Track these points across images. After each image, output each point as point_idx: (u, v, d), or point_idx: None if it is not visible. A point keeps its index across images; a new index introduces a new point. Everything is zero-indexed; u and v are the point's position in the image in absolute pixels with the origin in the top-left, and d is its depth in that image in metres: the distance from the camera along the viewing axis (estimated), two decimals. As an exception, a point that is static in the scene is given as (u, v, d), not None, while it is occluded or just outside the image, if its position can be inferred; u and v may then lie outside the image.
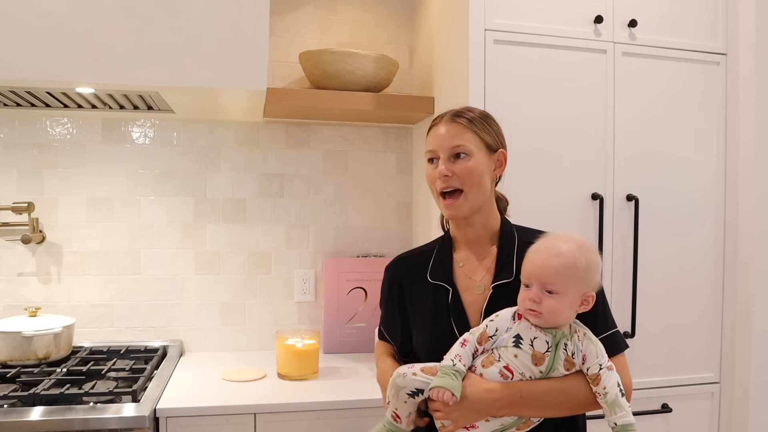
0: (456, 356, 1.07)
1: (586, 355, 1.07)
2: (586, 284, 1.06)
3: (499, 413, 1.06)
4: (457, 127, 1.18)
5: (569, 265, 1.04)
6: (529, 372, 1.06)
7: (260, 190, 2.17)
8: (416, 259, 1.30)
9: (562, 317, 1.06)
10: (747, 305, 1.80)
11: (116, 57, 1.55)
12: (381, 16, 2.26)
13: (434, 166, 1.20)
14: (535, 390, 1.06)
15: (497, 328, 1.08)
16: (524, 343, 1.05)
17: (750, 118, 1.80)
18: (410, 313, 1.26)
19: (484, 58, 1.65)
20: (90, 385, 1.63)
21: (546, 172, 1.71)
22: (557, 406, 1.08)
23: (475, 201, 1.18)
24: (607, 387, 1.05)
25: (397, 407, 1.11)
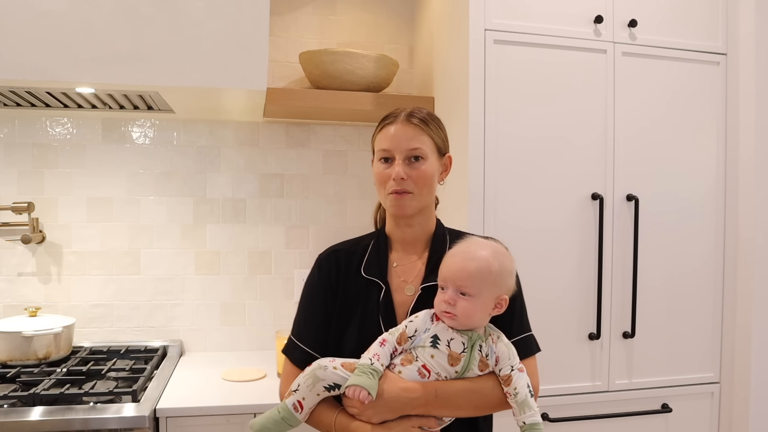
0: (375, 355, 1.09)
1: (499, 356, 1.10)
2: (499, 288, 1.09)
3: (414, 412, 1.08)
4: (414, 129, 1.17)
5: (483, 269, 1.07)
6: (445, 372, 1.09)
7: (260, 190, 2.17)
8: (350, 252, 1.26)
9: (475, 319, 1.09)
10: (747, 305, 1.80)
11: (116, 57, 1.55)
12: (381, 16, 2.26)
13: (387, 166, 1.18)
14: (450, 390, 1.09)
15: (416, 328, 1.11)
16: (441, 344, 1.08)
17: (750, 118, 1.80)
18: (339, 308, 1.22)
19: (484, 58, 1.65)
20: (90, 385, 1.63)
21: (546, 172, 1.71)
22: (470, 406, 1.10)
23: (422, 202, 1.19)
24: (518, 387, 1.08)
25: (305, 397, 1.10)
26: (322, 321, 1.22)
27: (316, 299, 1.24)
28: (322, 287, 1.24)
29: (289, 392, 1.13)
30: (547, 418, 1.69)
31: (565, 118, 1.72)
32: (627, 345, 1.78)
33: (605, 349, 1.76)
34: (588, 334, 1.74)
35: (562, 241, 1.72)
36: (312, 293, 1.25)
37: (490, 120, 1.65)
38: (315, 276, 1.26)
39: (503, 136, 1.67)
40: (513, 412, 1.10)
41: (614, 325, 1.76)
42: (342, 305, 1.22)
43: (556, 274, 1.71)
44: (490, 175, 1.65)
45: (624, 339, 1.77)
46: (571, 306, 1.73)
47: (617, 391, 1.76)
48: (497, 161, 1.66)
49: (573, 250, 1.73)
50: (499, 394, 1.10)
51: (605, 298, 1.75)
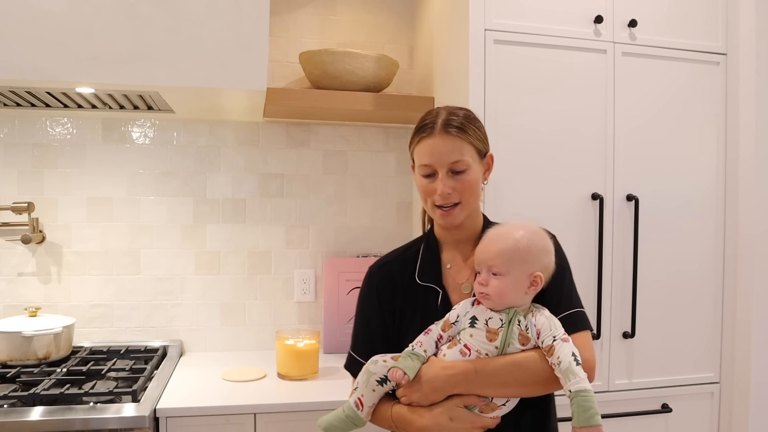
0: (417, 342, 1.12)
1: (540, 329, 1.09)
2: (530, 265, 1.10)
3: (455, 390, 1.08)
4: (454, 140, 1.14)
5: (510, 247, 1.09)
6: (485, 349, 1.09)
7: (260, 190, 2.17)
8: (402, 261, 1.26)
9: (509, 297, 1.09)
10: (747, 305, 1.80)
11: (116, 57, 1.55)
12: (381, 16, 2.26)
13: (430, 180, 1.17)
14: (491, 365, 1.08)
15: (458, 314, 1.13)
16: (479, 323, 1.10)
17: (750, 118, 1.80)
18: (397, 319, 1.22)
19: (484, 58, 1.65)
20: (90, 385, 1.63)
21: (546, 172, 1.71)
22: (516, 382, 1.08)
23: (469, 209, 1.19)
24: (561, 356, 1.05)
25: (363, 394, 1.14)
26: (380, 334, 1.22)
27: (372, 313, 1.24)
28: (377, 300, 1.24)
29: (351, 391, 1.17)
30: (547, 418, 1.69)
31: (565, 118, 1.72)
32: (627, 345, 1.78)
33: (605, 349, 1.76)
34: (588, 334, 1.74)
35: (563, 241, 1.71)
36: (368, 307, 1.26)
37: (489, 120, 1.65)
38: (366, 291, 1.27)
39: (503, 136, 1.67)
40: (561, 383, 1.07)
41: (614, 325, 1.76)
42: (401, 314, 1.22)
43: (556, 274, 1.71)
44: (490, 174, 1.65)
45: (624, 339, 1.77)
46: (571, 306, 1.73)
47: (617, 391, 1.76)
48: (497, 162, 1.65)
49: (573, 250, 1.73)
50: (545, 367, 1.07)
51: (605, 298, 1.75)
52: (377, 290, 1.25)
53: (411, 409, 1.12)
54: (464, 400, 1.09)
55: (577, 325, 1.15)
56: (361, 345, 1.25)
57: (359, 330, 1.27)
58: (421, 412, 1.10)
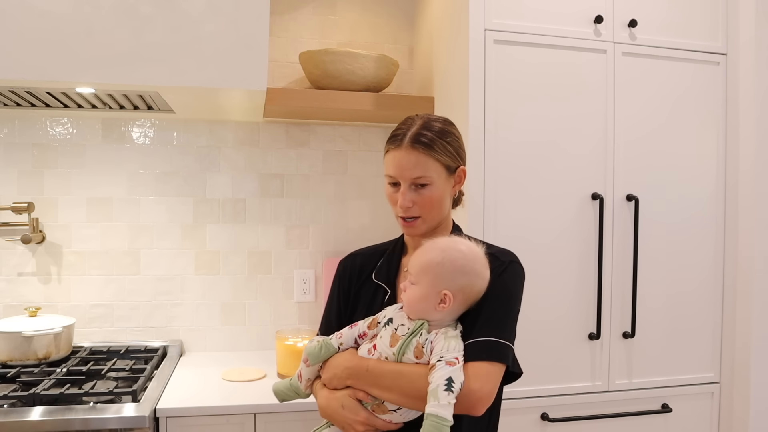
0: (338, 334, 1.20)
1: (435, 347, 1.08)
2: (442, 282, 1.08)
3: (348, 382, 1.14)
4: (418, 156, 1.14)
5: (424, 260, 1.11)
6: (385, 352, 1.11)
7: (260, 190, 2.17)
8: (369, 256, 1.33)
9: (418, 308, 1.10)
10: (747, 305, 1.80)
11: (116, 57, 1.55)
12: (381, 16, 2.26)
13: (395, 189, 1.20)
14: (381, 368, 1.11)
15: (386, 315, 1.16)
16: (391, 326, 1.13)
17: (750, 118, 1.80)
18: (350, 308, 1.30)
19: (484, 58, 1.65)
20: (90, 385, 1.63)
21: (546, 172, 1.71)
22: (398, 390, 1.09)
23: (432, 223, 1.21)
24: (434, 377, 1.02)
25: (301, 368, 1.23)
26: (335, 319, 1.30)
27: (333, 299, 1.33)
28: (338, 288, 1.33)
29: None
30: (547, 418, 1.69)
31: (565, 118, 1.72)
32: (627, 345, 1.78)
33: (605, 349, 1.76)
34: (588, 334, 1.74)
35: (562, 241, 1.72)
36: (331, 294, 1.35)
37: (489, 120, 1.65)
38: (335, 276, 1.35)
39: (503, 136, 1.67)
40: None
41: (614, 325, 1.76)
42: (353, 305, 1.29)
43: (557, 273, 1.71)
44: (490, 175, 1.65)
45: (624, 339, 1.77)
46: (571, 306, 1.73)
47: (617, 391, 1.76)
48: (497, 161, 1.66)
49: (573, 250, 1.73)
50: (424, 383, 1.04)
51: (605, 298, 1.75)
52: (339, 277, 1.33)
53: (320, 388, 1.20)
54: (355, 393, 1.13)
55: (481, 354, 1.07)
56: (322, 327, 1.33)
57: (324, 314, 1.36)
58: (324, 393, 1.18)
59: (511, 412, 1.65)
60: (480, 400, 1.04)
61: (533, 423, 1.70)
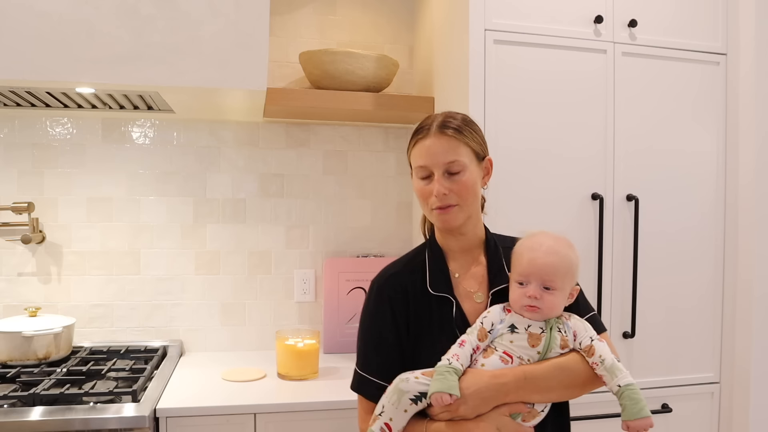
0: (454, 356, 1.07)
1: (576, 331, 1.12)
2: (574, 278, 1.14)
3: (506, 399, 1.05)
4: (449, 141, 1.13)
5: (566, 263, 1.11)
6: (527, 354, 1.08)
7: (260, 190, 2.17)
8: (408, 271, 1.22)
9: (557, 311, 1.12)
10: (747, 305, 1.80)
11: (116, 57, 1.55)
12: (381, 16, 2.26)
13: (427, 182, 1.15)
14: (538, 370, 1.07)
15: (492, 322, 1.11)
16: (519, 329, 1.10)
17: (750, 118, 1.80)
18: (413, 330, 1.17)
19: (484, 58, 1.65)
20: (90, 385, 1.63)
21: (546, 172, 1.71)
22: (561, 386, 1.08)
23: (468, 212, 1.17)
24: (603, 354, 1.08)
25: (392, 417, 1.06)
26: (392, 349, 1.17)
27: (384, 326, 1.18)
28: (390, 312, 1.18)
29: (373, 418, 1.08)
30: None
31: (565, 118, 1.72)
32: (627, 345, 1.78)
33: (605, 349, 1.76)
34: (588, 334, 1.74)
35: (562, 241, 1.72)
36: (376, 322, 1.19)
37: (489, 120, 1.65)
38: (375, 303, 1.20)
39: (502, 136, 1.67)
40: (605, 381, 1.09)
41: (614, 325, 1.76)
42: (415, 326, 1.17)
43: (556, 274, 1.71)
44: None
45: (624, 339, 1.77)
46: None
47: (617, 391, 1.76)
48: (496, 161, 1.66)
49: (573, 250, 1.73)
50: (586, 368, 1.09)
51: (605, 298, 1.75)
52: (390, 301, 1.18)
53: (451, 425, 1.05)
54: (511, 408, 1.06)
55: (599, 328, 1.18)
56: (373, 362, 1.17)
57: (368, 346, 1.19)
58: (466, 426, 1.05)
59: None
60: None
61: (533, 423, 1.70)
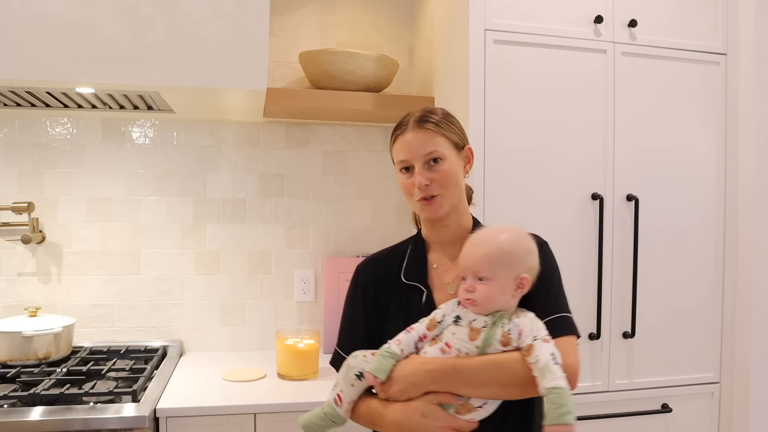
0: (396, 341, 1.12)
1: (522, 330, 1.07)
2: (515, 267, 1.09)
3: (432, 386, 1.07)
4: (426, 133, 1.17)
5: (493, 251, 1.08)
6: (466, 348, 1.08)
7: (260, 190, 2.17)
8: (389, 259, 1.28)
9: (496, 302, 1.08)
10: (747, 305, 1.80)
11: (116, 57, 1.55)
12: (381, 16, 2.26)
13: (408, 175, 1.19)
14: (469, 363, 1.06)
15: (444, 313, 1.13)
16: (463, 321, 1.10)
17: (750, 118, 1.80)
18: (381, 316, 1.23)
19: (484, 58, 1.65)
20: (90, 385, 1.63)
21: (546, 171, 1.71)
22: (495, 383, 1.06)
23: (452, 201, 1.20)
24: (539, 355, 1.02)
25: (342, 389, 1.14)
26: (364, 330, 1.24)
27: (357, 310, 1.26)
28: (362, 297, 1.25)
29: (332, 388, 1.17)
30: (547, 418, 1.69)
31: (565, 118, 1.72)
32: (627, 345, 1.78)
33: (605, 349, 1.76)
34: (588, 334, 1.74)
35: (563, 241, 1.72)
36: (353, 304, 1.27)
37: (489, 120, 1.65)
38: (352, 286, 1.28)
39: (502, 137, 1.67)
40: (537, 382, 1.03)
41: (614, 325, 1.76)
42: (385, 312, 1.23)
43: (556, 274, 1.71)
44: (490, 174, 1.65)
45: (624, 339, 1.77)
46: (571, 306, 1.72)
47: (617, 391, 1.76)
48: (496, 161, 1.66)
49: (573, 250, 1.73)
50: (524, 368, 1.04)
51: (605, 298, 1.75)
52: (362, 287, 1.26)
53: (385, 404, 1.11)
54: (439, 397, 1.07)
55: (562, 330, 1.12)
56: (346, 341, 1.25)
57: (344, 326, 1.28)
58: (395, 407, 1.10)
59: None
60: (576, 373, 1.08)
61: (533, 423, 1.70)
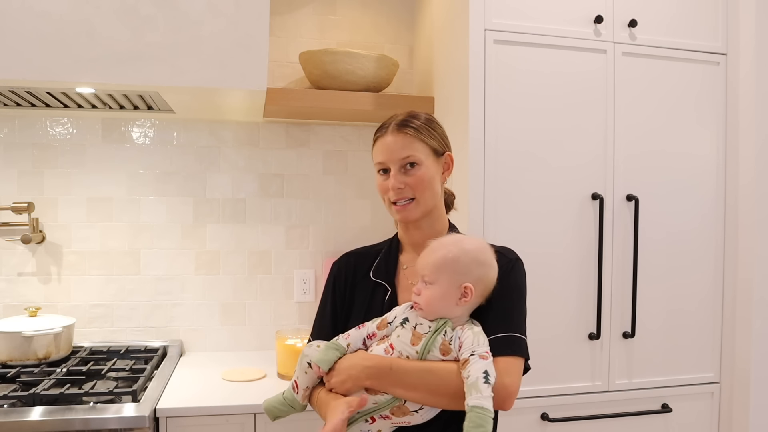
0: (346, 335, 1.17)
1: (463, 342, 1.08)
2: (460, 276, 1.09)
3: (368, 382, 1.10)
4: (405, 138, 1.19)
5: (439, 257, 1.10)
6: (406, 351, 1.10)
7: (260, 190, 2.17)
8: (364, 256, 1.32)
9: (438, 307, 1.09)
10: (747, 305, 1.80)
11: (116, 57, 1.55)
12: (381, 16, 2.26)
13: (385, 177, 1.22)
14: (405, 366, 1.09)
15: (396, 315, 1.15)
16: (408, 324, 1.12)
17: (750, 118, 1.80)
18: (347, 310, 1.27)
19: (484, 58, 1.65)
20: (90, 385, 1.63)
21: (546, 171, 1.71)
22: (425, 388, 1.07)
23: (426, 205, 1.21)
24: (471, 370, 1.02)
25: (299, 376, 1.18)
26: (331, 322, 1.28)
27: (327, 302, 1.30)
28: (332, 290, 1.30)
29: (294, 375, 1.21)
30: (547, 418, 1.69)
31: (565, 118, 1.72)
32: (627, 345, 1.78)
33: (605, 349, 1.76)
34: (588, 334, 1.74)
35: (563, 241, 1.72)
36: (325, 295, 1.32)
37: (489, 120, 1.65)
38: (328, 278, 1.33)
39: (502, 137, 1.67)
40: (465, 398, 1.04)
41: (614, 325, 1.76)
42: (349, 307, 1.27)
43: (557, 273, 1.71)
44: (490, 173, 1.65)
45: (624, 339, 1.77)
46: (571, 306, 1.73)
47: (617, 391, 1.76)
48: (496, 161, 1.66)
49: (573, 250, 1.73)
50: (457, 380, 1.04)
51: (605, 298, 1.75)
52: (334, 278, 1.31)
53: (327, 393, 1.15)
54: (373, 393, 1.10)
55: (506, 349, 1.10)
56: (315, 332, 1.29)
57: (317, 317, 1.32)
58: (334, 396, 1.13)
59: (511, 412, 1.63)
60: (511, 395, 1.07)
61: (533, 423, 1.70)
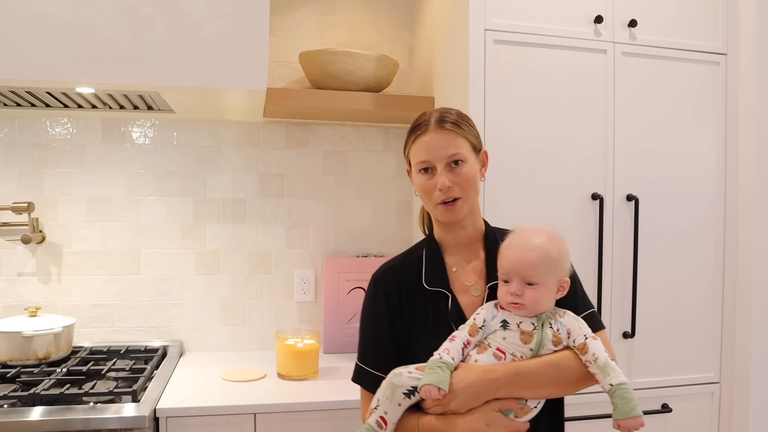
0: (444, 350, 1.09)
1: (570, 329, 1.11)
2: (560, 272, 1.13)
3: (497, 394, 1.07)
4: (448, 134, 1.16)
5: (543, 257, 1.10)
6: (520, 351, 1.09)
7: (260, 190, 2.17)
8: (405, 267, 1.24)
9: (543, 305, 1.11)
10: (747, 305, 1.80)
11: (116, 57, 1.55)
12: (381, 16, 2.26)
13: (429, 177, 1.17)
14: (529, 366, 1.08)
15: (484, 318, 1.13)
16: (511, 325, 1.10)
17: (750, 117, 1.80)
18: (407, 324, 1.19)
19: (484, 58, 1.65)
20: (90, 385, 1.63)
21: (546, 172, 1.71)
22: (553, 383, 1.09)
23: (471, 204, 1.20)
24: (596, 353, 1.08)
25: (386, 410, 1.09)
26: (389, 341, 1.19)
27: (380, 319, 1.20)
28: (385, 306, 1.20)
29: (370, 411, 1.11)
30: (547, 418, 1.69)
31: (565, 118, 1.72)
32: (627, 345, 1.78)
33: (605, 349, 1.76)
34: (588, 334, 1.74)
35: (562, 241, 1.72)
36: (375, 314, 1.21)
37: (489, 120, 1.65)
38: (372, 297, 1.23)
39: (502, 137, 1.67)
40: (597, 379, 1.08)
41: (614, 325, 1.76)
42: (409, 321, 1.19)
43: (556, 274, 1.71)
44: (490, 174, 1.65)
45: (624, 339, 1.77)
46: (571, 306, 1.73)
47: (617, 391, 1.76)
48: (496, 161, 1.66)
49: (573, 250, 1.70)
50: (579, 365, 1.09)
51: (605, 298, 1.75)
52: (385, 295, 1.21)
53: (441, 419, 1.07)
54: (502, 404, 1.07)
55: (596, 325, 1.17)
56: (370, 355, 1.21)
57: (367, 339, 1.22)
58: (454, 421, 1.06)
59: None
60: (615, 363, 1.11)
61: (533, 423, 1.70)
